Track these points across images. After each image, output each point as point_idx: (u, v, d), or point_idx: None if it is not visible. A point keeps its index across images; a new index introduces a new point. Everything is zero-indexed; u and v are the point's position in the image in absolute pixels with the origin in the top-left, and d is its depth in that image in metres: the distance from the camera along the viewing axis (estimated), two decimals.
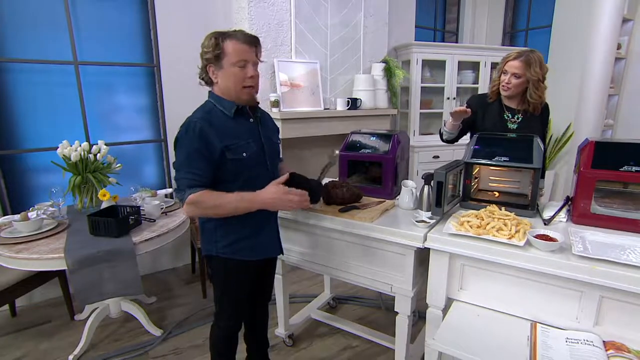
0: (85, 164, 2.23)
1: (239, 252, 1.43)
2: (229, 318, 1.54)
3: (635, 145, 1.43)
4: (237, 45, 1.30)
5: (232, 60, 1.31)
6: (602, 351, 1.11)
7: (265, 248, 1.52)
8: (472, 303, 1.41)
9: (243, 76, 1.33)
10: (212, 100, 1.40)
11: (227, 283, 1.49)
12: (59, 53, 2.51)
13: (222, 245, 1.42)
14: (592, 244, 1.28)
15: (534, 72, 1.76)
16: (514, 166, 1.59)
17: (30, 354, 2.09)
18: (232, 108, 1.36)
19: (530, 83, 1.80)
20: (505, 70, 1.83)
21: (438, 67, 3.90)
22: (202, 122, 1.29)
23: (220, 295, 1.52)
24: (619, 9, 3.23)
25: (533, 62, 1.76)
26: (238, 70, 1.32)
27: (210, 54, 1.32)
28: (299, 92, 3.01)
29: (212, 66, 1.35)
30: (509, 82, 1.82)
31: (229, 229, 1.41)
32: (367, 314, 2.46)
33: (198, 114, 1.34)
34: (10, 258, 1.77)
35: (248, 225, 1.42)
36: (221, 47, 1.31)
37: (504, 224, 1.36)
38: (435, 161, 3.82)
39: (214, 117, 1.34)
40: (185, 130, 1.30)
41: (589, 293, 1.18)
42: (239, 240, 1.42)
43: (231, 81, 1.34)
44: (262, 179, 1.39)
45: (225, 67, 1.33)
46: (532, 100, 1.82)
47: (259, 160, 1.41)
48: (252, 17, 2.77)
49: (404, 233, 1.46)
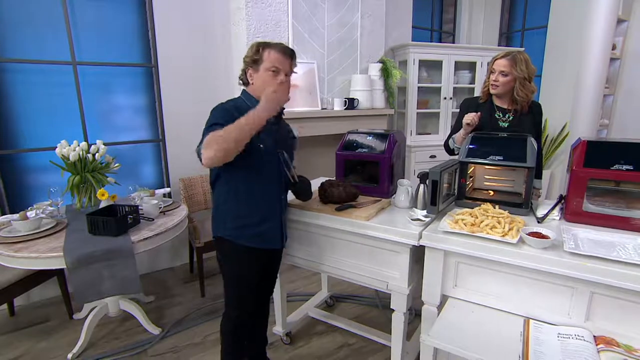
0: (83, 164, 2.24)
1: (244, 237, 1.53)
2: (235, 306, 1.61)
3: (626, 144, 1.46)
4: (273, 54, 1.48)
5: (267, 66, 1.48)
6: (592, 346, 1.14)
7: (268, 238, 1.59)
8: (466, 300, 1.43)
9: (273, 80, 1.48)
10: (243, 97, 1.56)
11: (233, 267, 1.58)
12: (57, 53, 2.52)
13: (230, 227, 1.53)
14: (584, 242, 1.30)
15: (519, 70, 1.82)
16: (508, 165, 1.62)
17: (28, 353, 2.10)
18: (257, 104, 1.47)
19: (517, 81, 1.85)
20: (494, 69, 1.90)
21: (435, 67, 3.92)
22: (229, 106, 1.48)
23: (227, 280, 1.61)
24: (613, 9, 3.26)
25: (519, 60, 1.83)
26: (270, 75, 1.48)
27: (249, 59, 1.51)
28: (296, 92, 3.02)
29: (250, 69, 1.53)
30: (497, 79, 1.88)
31: (238, 214, 1.52)
32: (364, 312, 2.48)
33: (228, 103, 1.52)
34: (9, 257, 1.78)
35: (255, 214, 1.53)
36: (260, 53, 1.49)
37: (498, 221, 1.38)
38: (431, 161, 3.85)
39: (241, 109, 1.45)
40: (216, 108, 1.47)
41: (580, 289, 1.20)
42: (245, 226, 1.52)
43: (263, 83, 1.49)
44: (275, 172, 1.55)
45: (260, 71, 1.50)
46: (519, 98, 1.88)
47: (272, 152, 1.53)
48: (250, 17, 2.78)
49: (399, 231, 1.48)
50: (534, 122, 1.95)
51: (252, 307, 1.63)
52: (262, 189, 1.53)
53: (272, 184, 1.56)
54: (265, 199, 1.54)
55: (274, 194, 1.58)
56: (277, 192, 1.59)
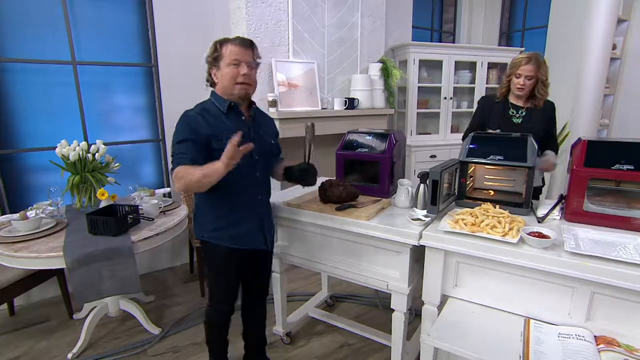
0: (83, 164, 2.24)
1: (222, 239, 1.56)
2: (218, 301, 1.67)
3: (626, 144, 1.45)
4: (231, 48, 1.47)
5: (227, 61, 1.47)
6: (593, 346, 1.13)
7: (246, 239, 1.59)
8: (466, 300, 1.43)
9: (236, 74, 1.47)
10: (212, 99, 1.54)
11: (215, 267, 1.63)
12: (57, 53, 2.52)
13: (208, 230, 1.56)
14: (585, 241, 1.30)
15: (542, 72, 1.99)
16: (508, 165, 1.62)
17: (28, 353, 2.10)
18: (226, 104, 1.50)
19: (539, 82, 2.01)
20: (519, 74, 2.00)
21: (435, 67, 3.91)
22: (194, 114, 1.46)
23: (210, 278, 1.68)
24: (614, 9, 3.25)
25: (542, 64, 1.99)
26: (232, 69, 1.47)
27: (210, 57, 1.50)
28: (296, 92, 3.02)
29: (213, 68, 1.52)
30: (524, 83, 2.00)
31: (215, 216, 1.55)
32: (364, 311, 2.48)
33: (195, 108, 1.51)
34: (8, 257, 1.77)
35: (231, 215, 1.55)
36: (219, 50, 1.48)
37: (498, 221, 1.38)
38: (432, 160, 3.84)
39: (209, 111, 1.49)
40: (180, 120, 1.47)
41: (580, 289, 1.20)
42: (222, 228, 1.55)
43: (226, 79, 1.48)
44: (247, 172, 1.52)
45: (222, 67, 1.48)
46: (539, 96, 2.03)
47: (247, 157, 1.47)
48: (250, 17, 2.78)
49: (399, 231, 1.48)
50: (546, 118, 2.05)
51: (234, 304, 1.68)
52: (239, 191, 1.53)
53: (248, 186, 1.55)
54: (242, 200, 1.55)
55: (251, 196, 1.58)
56: (254, 193, 1.59)
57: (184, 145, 1.41)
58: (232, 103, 1.50)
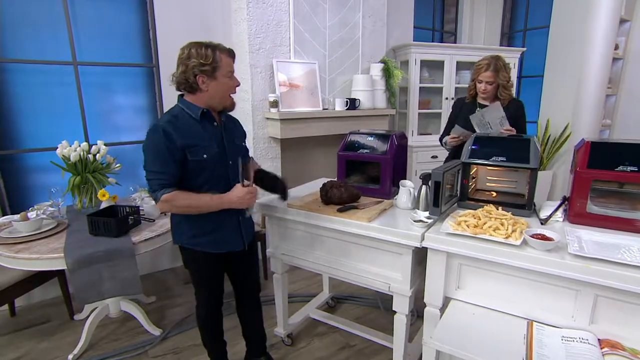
0: (84, 164, 2.24)
1: (201, 245, 1.55)
2: (203, 299, 1.68)
3: (630, 145, 1.44)
4: (225, 58, 1.44)
5: (224, 72, 1.44)
6: (597, 349, 1.13)
7: (226, 242, 1.59)
8: (469, 302, 1.42)
9: (233, 85, 1.49)
10: (181, 105, 1.47)
11: (195, 271, 1.64)
12: (58, 53, 2.52)
13: (187, 237, 1.55)
14: (588, 244, 1.29)
15: (502, 77, 2.10)
16: (511, 166, 1.61)
17: (29, 354, 2.09)
18: (199, 112, 1.45)
19: (500, 86, 2.13)
20: (480, 80, 2.14)
21: (436, 67, 3.91)
22: (165, 125, 1.38)
23: (193, 280, 1.68)
24: (616, 9, 3.24)
25: (500, 68, 2.09)
26: (228, 80, 1.47)
27: (208, 66, 1.39)
28: (297, 93, 3.02)
29: (204, 76, 1.41)
30: (486, 89, 2.14)
31: (192, 223, 1.52)
32: (366, 313, 2.47)
33: (164, 118, 1.43)
34: (9, 258, 1.77)
35: (210, 221, 1.52)
36: (218, 61, 1.41)
37: (501, 223, 1.37)
38: (433, 161, 3.83)
39: (180, 120, 1.43)
40: (151, 133, 1.39)
41: (584, 292, 1.19)
42: (200, 234, 1.54)
43: (224, 90, 1.47)
44: (223, 177, 1.52)
45: (219, 77, 1.43)
46: (502, 98, 2.15)
47: (220, 160, 1.50)
48: (251, 17, 2.78)
49: (401, 233, 1.47)
50: (512, 116, 2.09)
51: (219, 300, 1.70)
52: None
53: (224, 191, 1.48)
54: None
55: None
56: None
57: (161, 162, 1.37)
58: (204, 110, 1.45)
